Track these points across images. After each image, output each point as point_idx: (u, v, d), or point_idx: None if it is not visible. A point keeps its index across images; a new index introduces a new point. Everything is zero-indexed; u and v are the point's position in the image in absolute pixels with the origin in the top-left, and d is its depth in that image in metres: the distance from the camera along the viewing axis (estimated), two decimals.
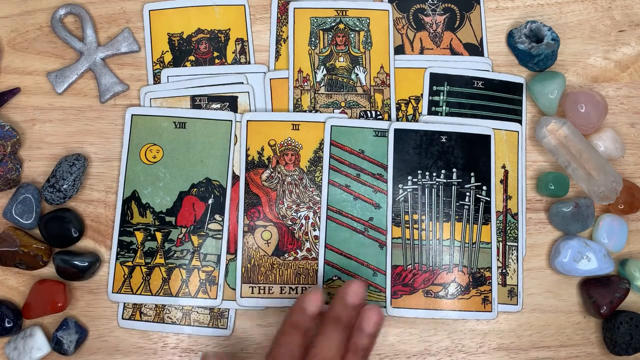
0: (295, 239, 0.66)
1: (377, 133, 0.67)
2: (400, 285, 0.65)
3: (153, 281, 0.65)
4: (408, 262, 0.66)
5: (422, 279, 0.65)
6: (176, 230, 0.66)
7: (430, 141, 0.67)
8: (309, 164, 0.67)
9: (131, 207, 0.66)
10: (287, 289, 0.65)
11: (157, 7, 0.70)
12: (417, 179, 0.66)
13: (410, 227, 0.66)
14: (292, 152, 0.67)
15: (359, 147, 0.67)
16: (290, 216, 0.66)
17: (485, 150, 0.67)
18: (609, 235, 0.67)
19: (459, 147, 0.67)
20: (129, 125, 0.67)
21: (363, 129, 0.67)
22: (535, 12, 0.72)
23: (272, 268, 0.65)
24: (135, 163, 0.66)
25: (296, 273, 0.65)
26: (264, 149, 0.67)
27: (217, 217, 0.66)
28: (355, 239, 0.66)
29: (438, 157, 0.67)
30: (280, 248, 0.66)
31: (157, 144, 0.67)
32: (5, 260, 0.64)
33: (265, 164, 0.67)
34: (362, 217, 0.66)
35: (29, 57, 0.69)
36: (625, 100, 0.71)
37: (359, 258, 0.66)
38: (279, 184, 0.66)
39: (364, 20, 0.70)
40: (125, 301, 0.65)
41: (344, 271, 0.65)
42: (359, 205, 0.66)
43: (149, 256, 0.65)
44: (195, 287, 0.65)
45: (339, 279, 0.65)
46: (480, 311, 0.65)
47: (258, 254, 0.66)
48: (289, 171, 0.66)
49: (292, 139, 0.67)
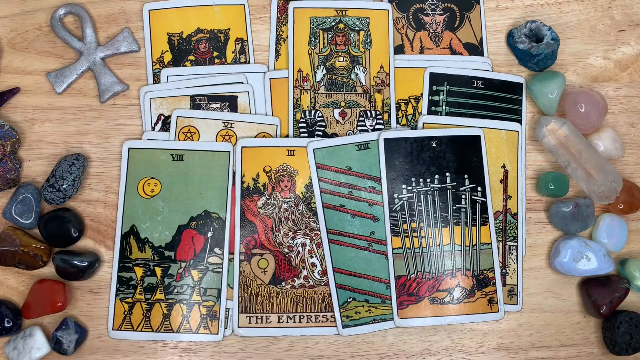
0: (292, 267, 0.65)
1: (360, 147, 0.66)
2: (405, 295, 0.65)
3: (154, 317, 0.64)
4: (411, 272, 0.65)
5: (426, 286, 0.65)
6: (176, 265, 0.65)
7: (421, 148, 0.67)
8: (305, 190, 0.66)
9: (130, 243, 0.65)
10: (285, 318, 0.65)
11: (157, 7, 0.70)
12: (411, 186, 0.66)
13: (409, 236, 0.66)
14: (287, 179, 0.66)
15: (345, 165, 0.66)
16: (287, 244, 0.66)
17: (477, 151, 0.67)
18: (609, 235, 0.67)
19: (450, 150, 0.67)
20: (126, 159, 0.66)
21: (345, 146, 0.66)
22: (535, 12, 0.72)
23: (270, 297, 0.65)
24: (133, 197, 0.66)
25: (294, 302, 0.65)
26: (259, 176, 0.66)
27: (217, 251, 0.65)
28: (362, 256, 0.65)
29: (430, 163, 0.67)
30: (278, 276, 0.65)
31: (155, 177, 0.66)
32: (5, 260, 0.64)
33: (261, 191, 0.66)
34: (363, 234, 0.66)
35: (29, 57, 0.69)
36: (625, 100, 0.71)
37: (369, 275, 0.65)
38: (275, 211, 0.66)
39: (364, 20, 0.70)
40: (126, 339, 0.64)
41: (358, 291, 0.65)
42: (358, 222, 0.66)
43: (149, 292, 0.65)
44: (197, 322, 0.64)
45: (355, 300, 0.65)
46: (487, 313, 0.65)
47: (255, 283, 0.65)
48: (285, 198, 0.66)
49: (288, 165, 0.66)
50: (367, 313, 0.65)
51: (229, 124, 0.68)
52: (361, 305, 0.65)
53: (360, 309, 0.65)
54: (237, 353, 0.65)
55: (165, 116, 0.68)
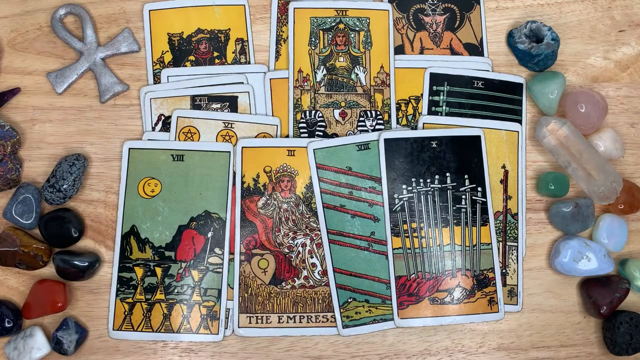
0: (292, 267, 0.65)
1: (360, 147, 0.67)
2: (405, 295, 0.65)
3: (154, 317, 0.64)
4: (411, 272, 0.65)
5: (426, 286, 0.65)
6: (176, 265, 0.65)
7: (421, 148, 0.67)
8: (305, 190, 0.66)
9: (130, 243, 0.65)
10: (285, 318, 0.65)
11: (157, 7, 0.70)
12: (411, 186, 0.66)
13: (409, 236, 0.66)
14: (287, 179, 0.66)
15: (345, 165, 0.66)
16: (287, 244, 0.66)
17: (477, 151, 0.67)
18: (609, 235, 0.67)
19: (450, 150, 0.67)
20: (126, 159, 0.66)
21: (345, 146, 0.67)
22: (535, 12, 0.72)
23: (270, 297, 0.65)
24: (133, 197, 0.66)
25: (294, 302, 0.65)
26: (259, 176, 0.66)
27: (217, 251, 0.65)
28: (362, 256, 0.65)
29: (430, 163, 0.67)
30: (278, 276, 0.65)
31: (155, 177, 0.66)
32: (5, 260, 0.64)
33: (261, 191, 0.66)
34: (363, 234, 0.66)
35: (29, 57, 0.69)
36: (625, 100, 0.71)
37: (369, 274, 0.65)
38: (275, 211, 0.66)
39: (364, 20, 0.70)
40: (126, 339, 0.64)
41: (358, 291, 0.65)
42: (358, 222, 0.66)
43: (149, 292, 0.65)
44: (197, 322, 0.64)
45: (355, 300, 0.65)
46: (487, 313, 0.65)
47: (255, 282, 0.65)
48: (285, 198, 0.66)
49: (288, 165, 0.66)
50: (367, 313, 0.65)
51: (229, 124, 0.68)
52: (361, 305, 0.65)
53: (360, 309, 0.65)
54: (237, 353, 0.65)
55: (165, 116, 0.68)
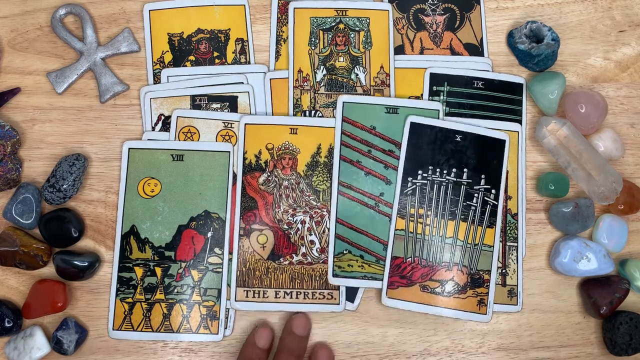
0: (290, 244, 0.66)
1: (388, 110, 0.67)
2: (397, 276, 0.65)
3: (154, 317, 0.64)
4: (408, 255, 0.66)
5: (420, 273, 0.65)
6: (176, 265, 0.65)
7: (445, 138, 0.67)
8: (306, 168, 0.67)
9: (130, 243, 0.65)
10: (282, 294, 0.65)
11: (157, 7, 0.70)
12: (427, 174, 0.67)
13: (415, 220, 0.66)
14: (289, 157, 0.67)
15: (370, 124, 0.67)
16: (287, 220, 0.66)
17: (499, 154, 0.67)
18: (609, 236, 0.67)
19: (473, 147, 0.67)
20: (126, 159, 0.66)
21: (374, 105, 0.67)
22: (535, 12, 0.72)
23: (267, 272, 0.65)
24: (133, 197, 0.66)
25: (291, 277, 0.65)
26: (261, 153, 0.67)
27: (217, 250, 0.65)
28: (366, 213, 0.66)
29: (451, 155, 0.67)
30: (276, 252, 0.66)
31: (154, 177, 0.66)
32: (5, 260, 0.64)
33: (263, 168, 0.67)
34: (373, 192, 0.66)
35: (29, 57, 0.69)
36: (625, 101, 0.71)
37: (369, 232, 0.66)
38: (275, 188, 0.66)
39: (364, 20, 0.70)
40: (126, 338, 0.64)
41: (355, 245, 0.65)
42: (370, 181, 0.66)
43: (149, 292, 0.65)
44: (197, 322, 0.65)
45: (350, 253, 0.65)
46: (474, 312, 0.65)
47: (253, 257, 0.65)
48: (286, 175, 0.66)
49: (290, 143, 0.67)
50: (359, 268, 0.65)
51: (229, 124, 0.68)
52: (355, 259, 0.65)
53: (353, 262, 0.65)
54: (237, 353, 0.65)
55: (165, 116, 0.68)
